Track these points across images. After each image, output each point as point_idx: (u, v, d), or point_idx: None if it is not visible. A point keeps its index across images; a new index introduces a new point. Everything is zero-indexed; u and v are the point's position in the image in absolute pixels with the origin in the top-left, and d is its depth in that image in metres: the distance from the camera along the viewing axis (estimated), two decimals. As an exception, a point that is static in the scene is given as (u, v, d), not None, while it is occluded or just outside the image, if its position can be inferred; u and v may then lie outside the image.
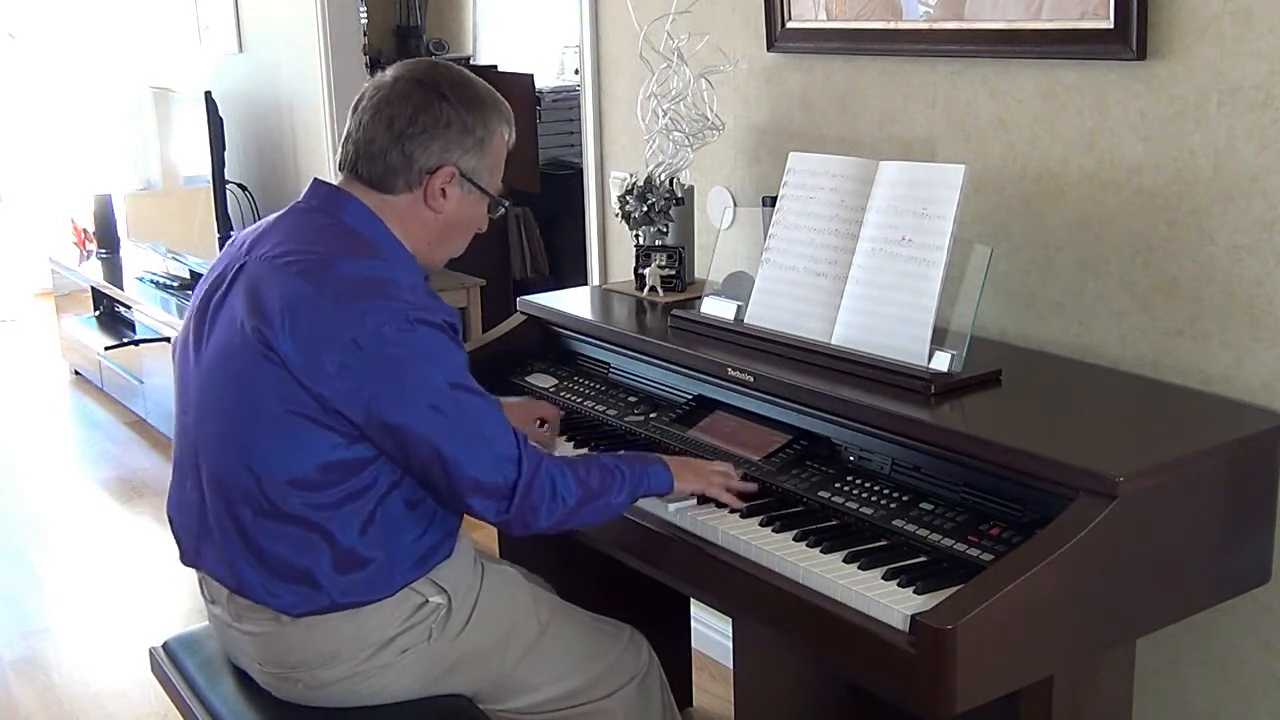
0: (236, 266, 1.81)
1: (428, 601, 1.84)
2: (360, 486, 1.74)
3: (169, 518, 1.94)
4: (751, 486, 1.90)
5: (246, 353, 1.72)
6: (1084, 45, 1.98)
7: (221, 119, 4.63)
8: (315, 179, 1.89)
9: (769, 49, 2.56)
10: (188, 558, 1.91)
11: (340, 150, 1.85)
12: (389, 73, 1.85)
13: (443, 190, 1.81)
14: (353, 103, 1.85)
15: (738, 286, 2.27)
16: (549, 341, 2.56)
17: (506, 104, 1.89)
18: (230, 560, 1.79)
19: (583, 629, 2.03)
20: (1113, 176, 2.00)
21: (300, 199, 1.87)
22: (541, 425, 2.19)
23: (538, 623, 1.96)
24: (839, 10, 2.39)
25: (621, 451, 2.00)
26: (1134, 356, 2.02)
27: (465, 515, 1.83)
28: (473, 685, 1.93)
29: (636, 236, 2.62)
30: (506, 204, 1.93)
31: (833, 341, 2.03)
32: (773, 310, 2.15)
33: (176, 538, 1.93)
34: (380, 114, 1.79)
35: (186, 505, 1.88)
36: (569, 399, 2.33)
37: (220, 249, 4.25)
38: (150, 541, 3.94)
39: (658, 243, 2.60)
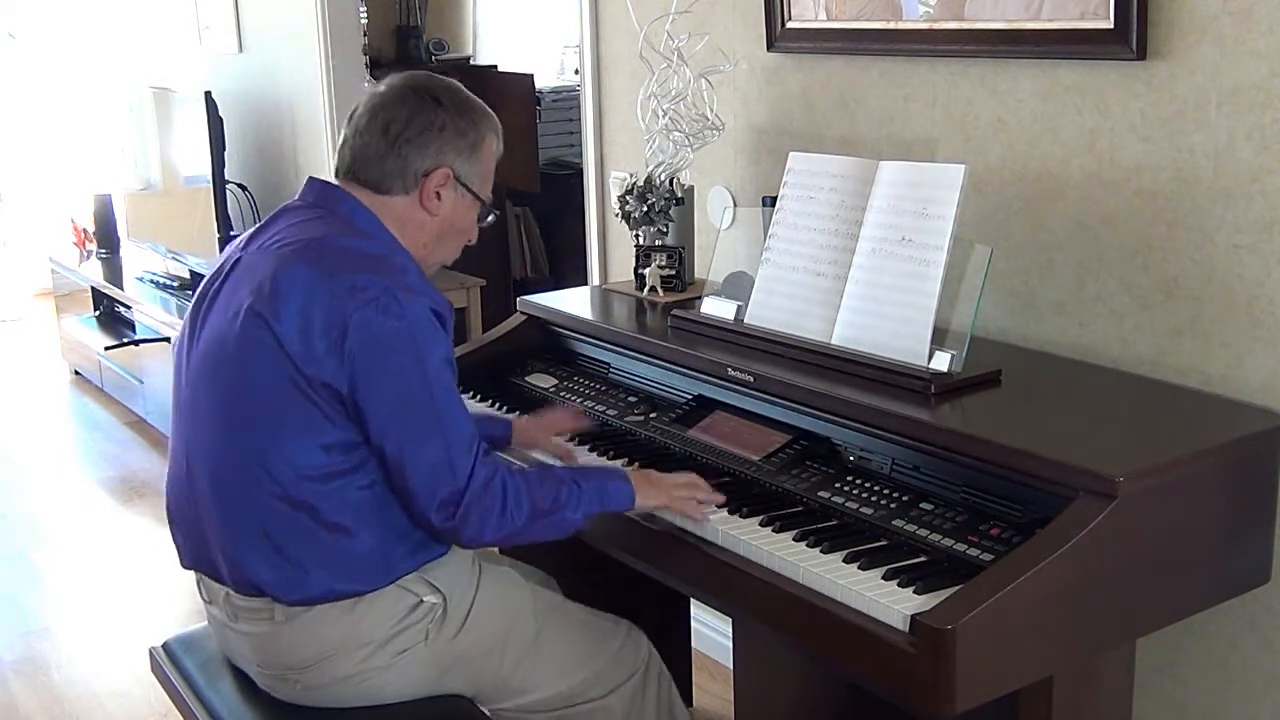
0: (233, 260, 1.85)
1: (423, 601, 1.84)
2: (351, 466, 1.75)
3: (168, 515, 1.94)
4: (720, 497, 1.86)
5: (241, 336, 1.74)
6: (1084, 45, 1.98)
7: (221, 119, 4.63)
8: (310, 177, 1.93)
9: (769, 49, 2.56)
10: (188, 559, 1.91)
11: (337, 156, 1.89)
12: (383, 83, 1.89)
13: (437, 193, 1.86)
14: (349, 114, 1.89)
15: (738, 286, 2.27)
16: (549, 341, 2.56)
17: (496, 117, 1.93)
18: (223, 545, 1.80)
19: (581, 626, 2.02)
20: (1113, 177, 2.00)
21: (296, 197, 1.91)
22: (566, 437, 2.17)
23: (535, 622, 1.96)
24: (839, 10, 2.39)
25: (586, 465, 1.99)
26: (1134, 356, 2.02)
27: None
28: (472, 685, 1.93)
29: (636, 236, 2.62)
30: (497, 212, 1.98)
31: (833, 341, 2.03)
32: (773, 310, 2.15)
33: (175, 536, 1.93)
34: (376, 119, 1.84)
35: (181, 496, 1.88)
36: (569, 399, 2.33)
37: (220, 249, 4.27)
38: (150, 541, 3.94)
39: (658, 243, 2.60)
